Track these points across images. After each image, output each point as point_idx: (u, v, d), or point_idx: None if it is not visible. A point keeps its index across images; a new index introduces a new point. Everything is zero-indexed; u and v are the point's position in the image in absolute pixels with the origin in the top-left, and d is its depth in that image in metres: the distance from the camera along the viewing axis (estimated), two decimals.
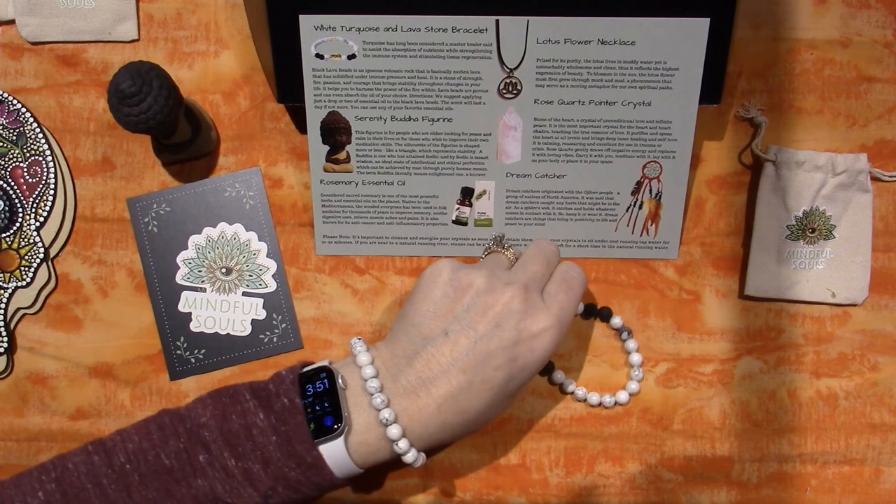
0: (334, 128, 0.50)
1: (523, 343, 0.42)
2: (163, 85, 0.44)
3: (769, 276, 0.51)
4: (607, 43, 0.47)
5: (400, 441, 0.41)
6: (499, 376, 0.41)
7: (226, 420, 0.41)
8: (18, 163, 0.52)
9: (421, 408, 0.41)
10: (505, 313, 0.42)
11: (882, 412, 0.52)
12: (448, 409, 0.41)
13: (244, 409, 0.41)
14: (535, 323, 0.42)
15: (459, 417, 0.42)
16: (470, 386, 0.41)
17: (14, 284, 0.52)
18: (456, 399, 0.41)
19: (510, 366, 0.41)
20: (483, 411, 0.42)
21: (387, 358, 0.43)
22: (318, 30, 0.47)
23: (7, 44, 0.52)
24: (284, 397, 0.41)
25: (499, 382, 0.41)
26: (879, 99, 0.52)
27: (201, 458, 0.40)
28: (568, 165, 0.50)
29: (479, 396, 0.41)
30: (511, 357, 0.41)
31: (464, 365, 0.41)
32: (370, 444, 0.41)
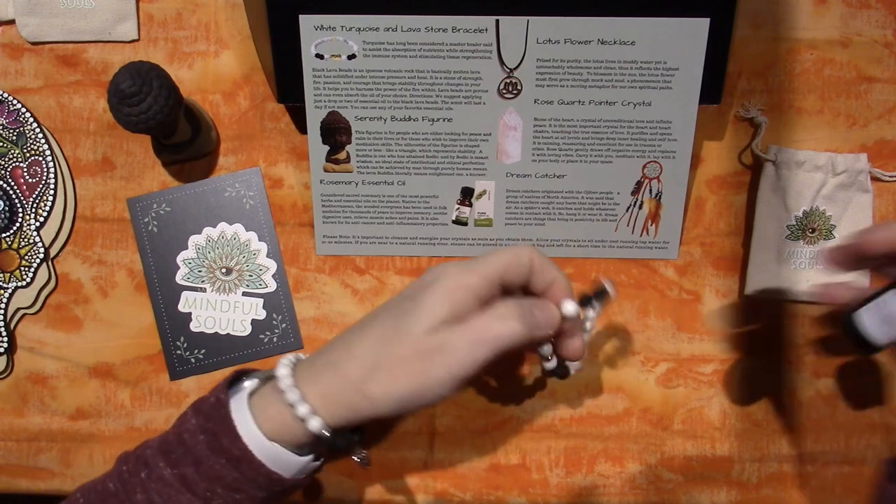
0: (334, 128, 0.50)
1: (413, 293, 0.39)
2: (163, 85, 0.44)
3: (769, 276, 0.51)
4: (607, 43, 0.47)
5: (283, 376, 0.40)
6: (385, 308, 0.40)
7: (166, 434, 0.42)
8: (18, 163, 0.52)
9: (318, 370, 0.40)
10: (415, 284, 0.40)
11: (882, 412, 0.52)
12: (338, 348, 0.40)
13: (182, 419, 0.42)
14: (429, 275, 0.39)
15: (347, 354, 0.39)
16: (360, 326, 0.40)
17: (14, 284, 0.52)
18: (344, 337, 0.40)
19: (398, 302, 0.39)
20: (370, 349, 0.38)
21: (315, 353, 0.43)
22: (318, 30, 0.47)
23: (7, 44, 0.52)
24: (212, 396, 0.41)
25: (382, 312, 0.40)
26: (879, 99, 0.51)
27: (142, 474, 0.40)
28: (568, 165, 0.50)
29: (363, 331, 0.40)
30: (402, 295, 0.40)
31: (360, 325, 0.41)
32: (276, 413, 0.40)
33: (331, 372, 0.39)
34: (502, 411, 0.52)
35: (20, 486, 0.53)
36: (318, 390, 0.39)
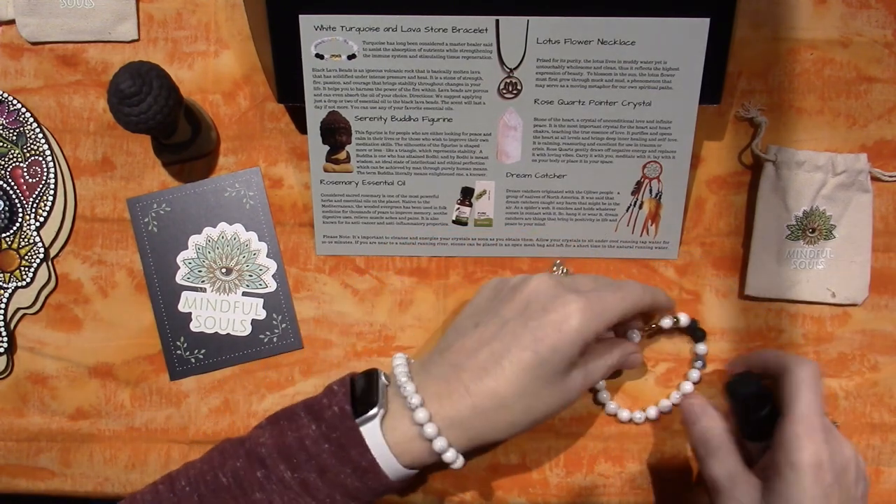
0: (334, 128, 0.50)
1: (549, 322, 0.41)
2: (163, 85, 0.44)
3: (769, 276, 0.51)
4: (607, 43, 0.47)
5: (427, 425, 0.41)
6: (526, 357, 0.41)
7: (282, 437, 0.42)
8: (18, 163, 0.52)
9: (451, 391, 0.41)
10: (532, 296, 0.42)
11: (882, 412, 0.52)
12: (478, 391, 0.41)
13: (298, 424, 0.42)
14: (563, 304, 0.41)
15: (492, 401, 0.41)
16: (497, 366, 0.41)
17: (14, 284, 0.52)
18: (483, 380, 0.41)
19: (537, 345, 0.41)
20: (518, 395, 0.41)
21: (425, 358, 0.45)
22: (318, 30, 0.47)
23: (7, 44, 0.52)
24: (335, 406, 0.42)
25: (527, 363, 0.41)
26: (879, 99, 0.52)
27: (259, 473, 0.41)
28: (568, 165, 0.50)
29: (509, 378, 0.41)
30: (537, 337, 0.41)
31: (491, 347, 0.41)
32: (404, 432, 0.41)
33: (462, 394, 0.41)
34: None
35: (20, 486, 0.53)
36: (447, 412, 0.41)
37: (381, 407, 0.41)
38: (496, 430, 0.42)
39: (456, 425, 0.41)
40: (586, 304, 0.41)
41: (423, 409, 0.41)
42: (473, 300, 0.47)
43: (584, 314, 0.41)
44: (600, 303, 0.42)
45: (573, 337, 0.41)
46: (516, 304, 0.43)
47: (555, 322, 0.41)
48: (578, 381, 0.43)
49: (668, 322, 0.51)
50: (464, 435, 0.42)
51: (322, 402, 0.43)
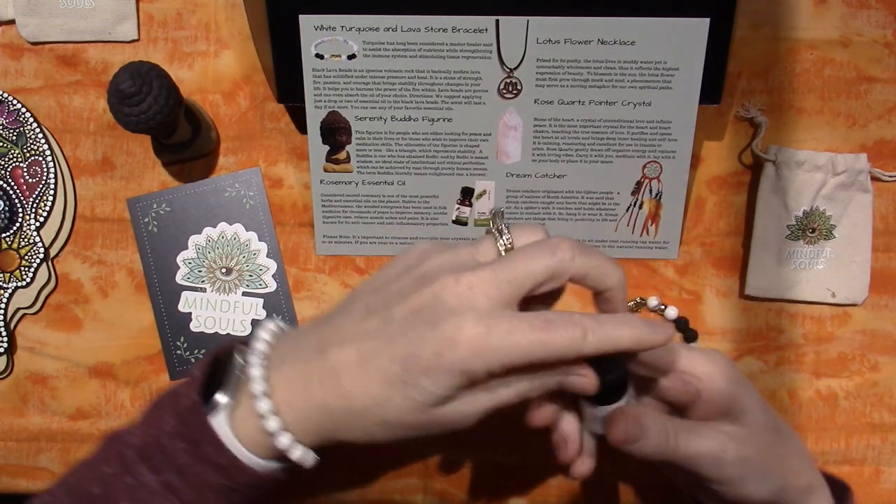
0: (334, 128, 0.50)
1: (432, 341, 0.33)
2: (163, 85, 0.44)
3: (769, 276, 0.51)
4: (607, 43, 0.47)
5: (269, 419, 0.35)
6: (393, 371, 0.33)
7: (146, 434, 0.37)
8: (18, 163, 0.52)
9: (307, 380, 0.35)
10: (430, 303, 0.33)
11: (882, 412, 0.52)
12: (330, 386, 0.35)
13: (159, 417, 0.37)
14: (457, 326, 0.32)
15: (341, 403, 0.34)
16: (360, 368, 0.34)
17: (14, 284, 0.52)
18: (340, 376, 0.34)
19: (408, 363, 0.33)
20: (370, 407, 0.34)
21: (305, 326, 0.38)
22: (318, 30, 0.47)
23: (7, 44, 0.52)
24: (188, 396, 0.36)
25: (391, 379, 0.33)
26: (879, 99, 0.51)
27: (127, 480, 0.36)
28: (568, 165, 0.50)
29: (366, 385, 0.34)
30: (412, 353, 0.33)
31: (362, 343, 0.34)
32: (253, 424, 0.36)
33: (316, 387, 0.35)
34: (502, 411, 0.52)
35: (20, 486, 0.53)
36: (297, 403, 0.35)
37: (230, 396, 0.36)
38: (350, 434, 0.36)
39: (305, 420, 0.35)
40: (486, 335, 0.32)
41: (265, 400, 0.35)
42: (384, 269, 0.38)
43: (476, 346, 0.32)
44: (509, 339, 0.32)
45: (453, 368, 0.32)
46: (411, 301, 0.34)
47: (437, 345, 0.32)
48: (463, 410, 0.34)
49: (655, 302, 0.50)
50: (314, 431, 0.36)
51: (180, 390, 0.37)
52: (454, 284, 0.33)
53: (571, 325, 0.33)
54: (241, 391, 0.37)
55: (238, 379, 0.37)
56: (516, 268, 0.34)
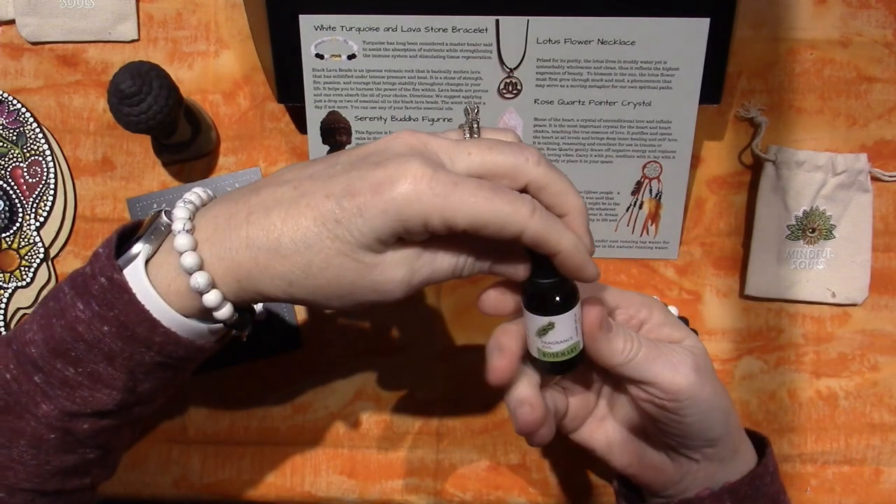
0: (334, 128, 0.50)
1: (371, 178, 0.31)
2: (163, 85, 0.44)
3: (769, 276, 0.51)
4: (607, 43, 0.47)
5: (185, 255, 0.32)
6: (325, 206, 0.31)
7: (49, 328, 0.34)
8: (18, 163, 0.52)
9: (231, 220, 0.33)
10: (380, 149, 0.32)
11: (882, 412, 0.52)
12: (258, 221, 0.32)
13: (63, 306, 0.34)
14: (400, 165, 0.31)
15: (266, 239, 0.32)
16: (293, 204, 0.32)
17: (14, 284, 0.52)
18: (270, 212, 0.32)
19: (342, 198, 0.31)
20: (297, 246, 0.32)
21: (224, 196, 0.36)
22: (318, 30, 0.47)
23: (7, 44, 0.52)
24: (101, 276, 0.33)
25: (321, 213, 0.31)
26: (879, 99, 0.51)
27: (36, 379, 0.34)
28: (568, 165, 0.50)
29: (296, 220, 0.32)
30: (348, 188, 0.31)
31: (299, 184, 0.32)
32: (169, 268, 0.33)
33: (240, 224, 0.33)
34: (502, 411, 0.52)
35: None
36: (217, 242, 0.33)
37: (147, 242, 0.34)
38: (269, 280, 0.33)
39: (225, 259, 0.33)
40: (430, 179, 0.30)
41: (184, 235, 0.33)
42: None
43: (417, 187, 0.30)
44: (453, 190, 0.30)
45: (389, 207, 0.30)
46: (360, 150, 0.33)
47: (377, 181, 0.31)
48: (392, 273, 0.32)
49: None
50: (231, 277, 0.33)
51: (85, 272, 0.34)
52: (408, 136, 0.32)
53: (520, 199, 0.31)
54: (166, 241, 0.34)
55: (157, 232, 0.34)
56: (477, 147, 0.32)
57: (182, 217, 0.33)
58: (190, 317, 0.34)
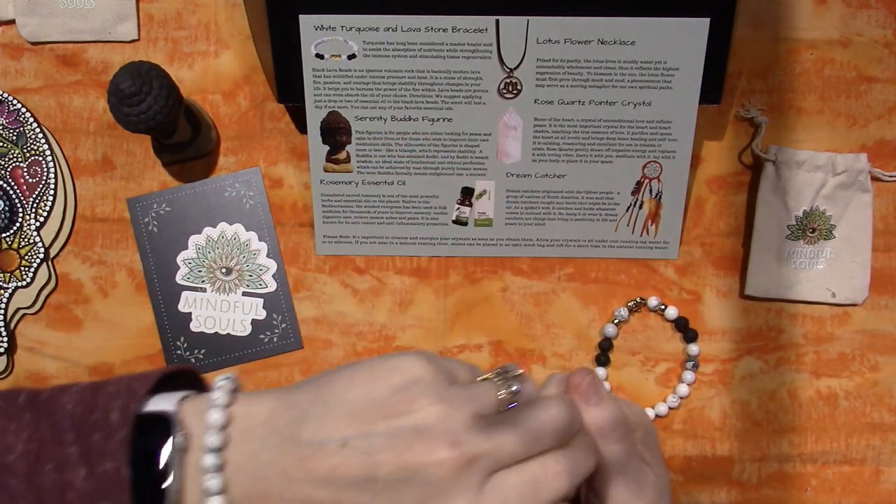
0: (334, 128, 0.50)
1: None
2: (163, 85, 0.44)
3: (769, 276, 0.51)
4: (607, 43, 0.47)
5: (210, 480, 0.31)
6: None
7: (39, 468, 0.32)
8: (18, 163, 0.52)
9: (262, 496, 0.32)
10: (420, 475, 0.31)
11: (882, 412, 0.52)
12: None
13: (63, 457, 0.32)
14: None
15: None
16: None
17: (14, 284, 0.52)
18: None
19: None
20: None
21: (256, 425, 0.33)
22: (318, 30, 0.47)
23: (7, 44, 0.52)
24: (111, 460, 0.31)
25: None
26: (879, 99, 0.51)
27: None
28: (568, 165, 0.50)
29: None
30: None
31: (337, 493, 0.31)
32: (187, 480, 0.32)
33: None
34: None
35: None
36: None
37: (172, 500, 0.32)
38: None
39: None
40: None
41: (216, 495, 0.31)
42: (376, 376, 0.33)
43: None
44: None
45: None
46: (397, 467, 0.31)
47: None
48: None
49: (655, 302, 0.51)
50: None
51: (95, 441, 0.32)
52: (449, 460, 0.31)
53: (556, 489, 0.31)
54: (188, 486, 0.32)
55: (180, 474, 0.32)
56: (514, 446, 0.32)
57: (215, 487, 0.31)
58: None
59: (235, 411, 0.33)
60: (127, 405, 0.32)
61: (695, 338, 0.51)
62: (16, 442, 0.32)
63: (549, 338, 0.52)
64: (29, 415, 0.33)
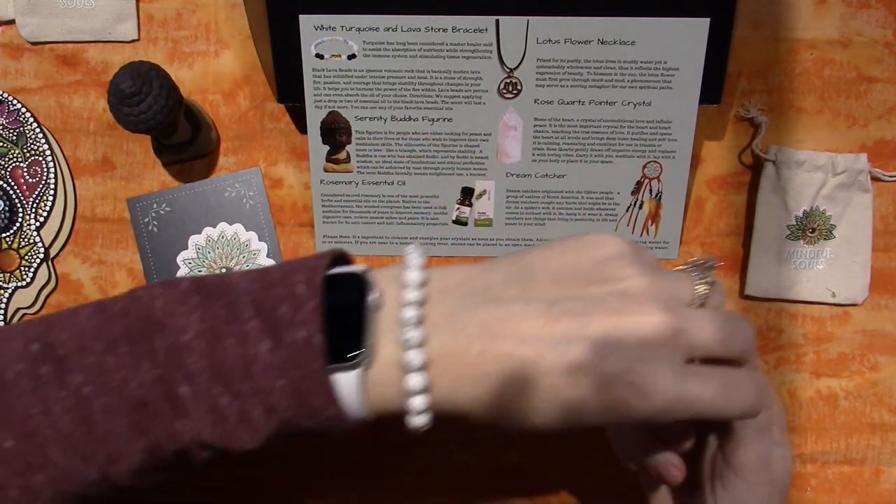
0: (334, 128, 0.50)
1: (626, 386, 0.30)
2: (163, 85, 0.44)
3: (769, 276, 0.51)
4: (607, 43, 0.47)
5: (416, 398, 0.31)
6: (569, 394, 0.30)
7: (218, 344, 0.31)
8: (18, 163, 0.52)
9: (465, 366, 0.31)
10: (630, 336, 0.30)
11: (882, 412, 0.52)
12: (497, 383, 0.31)
13: (243, 332, 0.31)
14: (656, 379, 0.30)
15: (503, 399, 0.31)
16: (536, 371, 0.30)
17: (14, 284, 0.52)
18: (513, 375, 0.31)
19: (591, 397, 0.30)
20: (524, 412, 0.31)
21: (453, 286, 0.33)
22: (318, 30, 0.47)
23: (7, 44, 0.52)
24: (302, 329, 0.30)
25: (564, 399, 0.31)
26: (879, 99, 0.52)
27: (182, 390, 0.31)
28: (568, 165, 0.50)
29: (535, 393, 0.31)
30: (603, 383, 0.30)
31: (542, 345, 0.30)
32: (385, 387, 0.31)
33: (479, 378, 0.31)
34: None
35: None
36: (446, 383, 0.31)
37: (366, 356, 0.31)
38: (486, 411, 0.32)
39: (445, 405, 0.31)
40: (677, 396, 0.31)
41: (419, 375, 0.31)
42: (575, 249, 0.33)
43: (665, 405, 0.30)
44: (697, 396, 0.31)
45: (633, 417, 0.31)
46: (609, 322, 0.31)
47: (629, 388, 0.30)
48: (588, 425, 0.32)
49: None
50: (447, 411, 0.32)
51: (281, 314, 0.31)
52: (662, 323, 0.30)
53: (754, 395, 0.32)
54: (381, 344, 0.31)
55: (373, 329, 0.32)
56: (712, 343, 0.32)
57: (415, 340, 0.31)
58: (376, 408, 0.32)
59: (431, 274, 0.33)
60: (311, 278, 0.31)
61: None
62: (188, 323, 0.31)
63: None
64: (196, 298, 0.32)
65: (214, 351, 0.31)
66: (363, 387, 0.31)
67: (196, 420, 0.31)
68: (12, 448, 0.31)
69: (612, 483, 0.52)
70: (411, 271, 0.32)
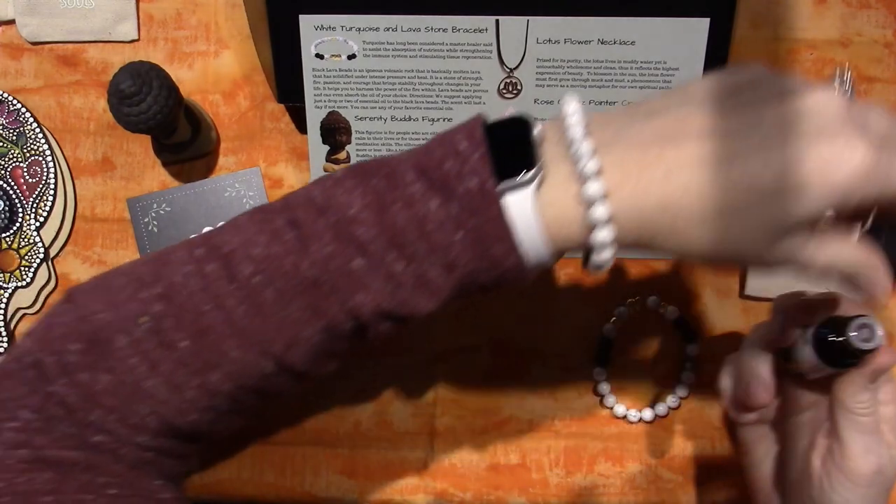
0: (334, 128, 0.50)
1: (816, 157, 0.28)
2: (163, 85, 0.45)
3: (769, 276, 0.51)
4: (607, 43, 0.47)
5: (597, 206, 0.29)
6: (766, 176, 0.28)
7: (385, 211, 0.30)
8: (18, 163, 0.52)
9: (645, 166, 0.29)
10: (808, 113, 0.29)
11: None
12: (678, 180, 0.29)
13: (409, 195, 0.30)
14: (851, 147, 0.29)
15: (689, 206, 0.29)
16: (723, 164, 0.29)
17: (14, 284, 0.52)
18: (695, 171, 0.29)
19: (789, 173, 0.28)
20: (719, 212, 0.29)
21: (613, 116, 0.31)
22: (318, 30, 0.47)
23: (7, 44, 0.52)
24: (473, 177, 0.30)
25: (762, 184, 0.29)
26: (879, 99, 0.51)
27: (356, 263, 0.30)
28: None
29: (728, 186, 0.29)
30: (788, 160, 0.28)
31: (723, 141, 0.29)
32: (562, 208, 0.30)
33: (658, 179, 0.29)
34: (502, 411, 0.52)
35: None
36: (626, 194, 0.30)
37: (539, 169, 0.30)
38: (668, 242, 0.30)
39: (631, 213, 0.30)
40: (874, 162, 0.28)
41: (597, 182, 0.29)
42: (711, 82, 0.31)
43: (866, 172, 0.28)
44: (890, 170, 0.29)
45: (834, 191, 0.29)
46: (783, 110, 0.29)
47: (823, 160, 0.28)
48: (788, 250, 0.32)
49: (655, 301, 0.51)
50: (633, 230, 0.30)
51: (446, 169, 0.30)
52: (838, 104, 0.30)
53: None
54: (553, 168, 0.30)
55: (541, 154, 0.30)
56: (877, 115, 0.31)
57: (587, 152, 0.30)
58: (559, 244, 0.31)
59: (589, 113, 0.32)
60: (472, 133, 0.31)
61: (695, 338, 0.51)
62: (350, 200, 0.31)
63: (549, 337, 0.52)
64: (352, 180, 0.32)
65: (384, 218, 0.30)
66: (543, 227, 0.30)
67: (373, 291, 0.30)
68: (188, 347, 0.31)
69: (611, 483, 0.52)
70: (570, 104, 0.31)
